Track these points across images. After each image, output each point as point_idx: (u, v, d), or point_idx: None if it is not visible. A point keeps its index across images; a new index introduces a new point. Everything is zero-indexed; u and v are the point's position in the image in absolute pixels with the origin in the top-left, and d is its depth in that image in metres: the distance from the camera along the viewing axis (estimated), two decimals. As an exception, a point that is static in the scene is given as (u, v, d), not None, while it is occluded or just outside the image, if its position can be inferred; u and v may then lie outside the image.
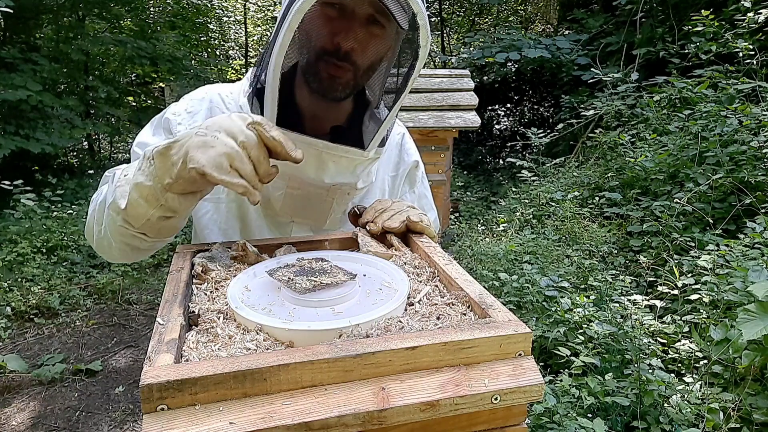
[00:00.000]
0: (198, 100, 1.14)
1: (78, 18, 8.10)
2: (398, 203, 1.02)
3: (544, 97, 9.99)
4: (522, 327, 0.61)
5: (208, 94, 1.14)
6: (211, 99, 1.13)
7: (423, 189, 1.36)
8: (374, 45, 1.01)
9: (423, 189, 1.36)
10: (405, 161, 1.29)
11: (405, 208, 0.99)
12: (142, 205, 0.86)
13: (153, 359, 0.55)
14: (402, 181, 1.30)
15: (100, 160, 9.62)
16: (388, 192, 1.27)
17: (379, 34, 1.00)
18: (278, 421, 0.51)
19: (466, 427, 0.60)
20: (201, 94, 1.15)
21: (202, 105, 1.13)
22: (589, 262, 3.54)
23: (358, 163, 1.07)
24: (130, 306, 4.70)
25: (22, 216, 5.36)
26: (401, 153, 1.30)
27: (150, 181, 0.84)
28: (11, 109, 6.17)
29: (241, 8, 12.94)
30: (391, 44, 1.05)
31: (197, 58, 10.65)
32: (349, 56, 0.98)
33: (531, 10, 12.12)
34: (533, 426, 2.15)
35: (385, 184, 1.26)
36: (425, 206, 1.36)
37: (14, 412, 3.23)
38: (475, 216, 6.06)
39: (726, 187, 3.84)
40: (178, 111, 1.13)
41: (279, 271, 0.77)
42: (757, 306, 2.17)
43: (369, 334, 0.63)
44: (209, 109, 1.12)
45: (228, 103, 1.13)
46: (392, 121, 1.09)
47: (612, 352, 2.55)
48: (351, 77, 1.02)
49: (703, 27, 5.22)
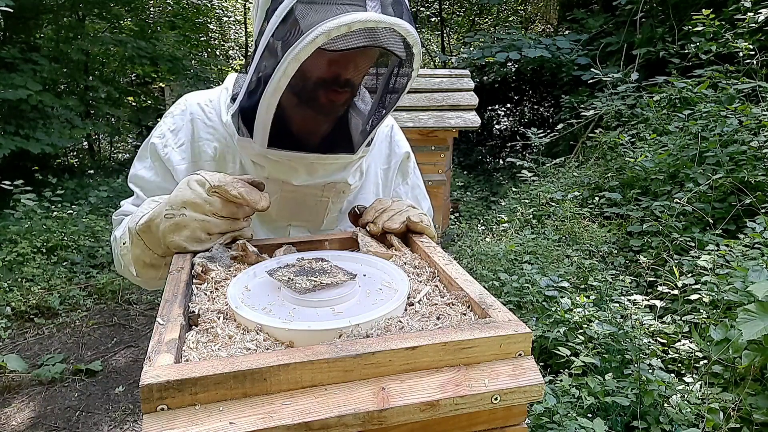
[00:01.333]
0: (179, 116, 1.14)
1: (78, 18, 8.10)
2: (398, 203, 1.02)
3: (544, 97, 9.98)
4: (522, 327, 0.61)
5: (187, 107, 1.15)
6: (191, 112, 1.13)
7: (415, 179, 1.37)
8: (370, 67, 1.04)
9: (415, 179, 1.37)
10: (396, 153, 1.30)
11: (405, 208, 1.00)
12: (150, 271, 0.98)
13: (153, 359, 0.55)
14: (394, 173, 1.31)
15: (100, 160, 9.62)
16: (382, 185, 1.28)
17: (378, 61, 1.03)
18: (278, 421, 0.51)
19: (466, 427, 0.60)
20: (180, 108, 1.15)
21: (183, 119, 1.13)
22: (589, 262, 3.54)
23: (348, 162, 1.08)
24: (130, 306, 4.70)
25: (22, 216, 5.36)
26: (391, 145, 1.30)
27: (146, 251, 0.94)
28: (11, 109, 6.18)
29: (241, 8, 12.94)
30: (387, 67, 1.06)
31: (197, 58, 10.64)
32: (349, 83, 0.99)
33: (531, 10, 12.12)
34: (533, 426, 2.14)
35: (378, 177, 1.27)
36: (418, 195, 1.37)
37: (14, 412, 3.23)
38: (475, 216, 6.06)
39: (726, 187, 3.84)
40: (162, 132, 1.14)
41: (279, 271, 0.77)
42: (757, 306, 2.16)
43: (369, 334, 0.63)
44: (191, 121, 1.13)
45: (209, 113, 1.13)
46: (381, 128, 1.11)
47: (612, 352, 2.55)
48: (349, 97, 1.03)
49: (703, 27, 5.21)
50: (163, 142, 1.12)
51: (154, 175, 1.13)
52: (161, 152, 1.12)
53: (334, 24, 0.79)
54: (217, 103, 1.13)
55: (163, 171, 1.13)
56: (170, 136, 1.13)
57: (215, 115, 1.12)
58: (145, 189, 1.14)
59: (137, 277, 1.03)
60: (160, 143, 1.12)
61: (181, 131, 1.12)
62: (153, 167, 1.14)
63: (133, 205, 1.15)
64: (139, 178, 1.14)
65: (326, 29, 0.79)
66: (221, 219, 0.87)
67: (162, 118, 1.18)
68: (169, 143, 1.12)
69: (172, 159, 1.11)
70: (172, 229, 0.86)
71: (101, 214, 6.12)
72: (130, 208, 1.15)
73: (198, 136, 1.12)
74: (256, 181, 0.92)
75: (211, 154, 1.12)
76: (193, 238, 0.86)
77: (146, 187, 1.14)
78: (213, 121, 1.12)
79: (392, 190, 1.32)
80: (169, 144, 1.12)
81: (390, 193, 1.32)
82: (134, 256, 0.97)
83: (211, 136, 1.12)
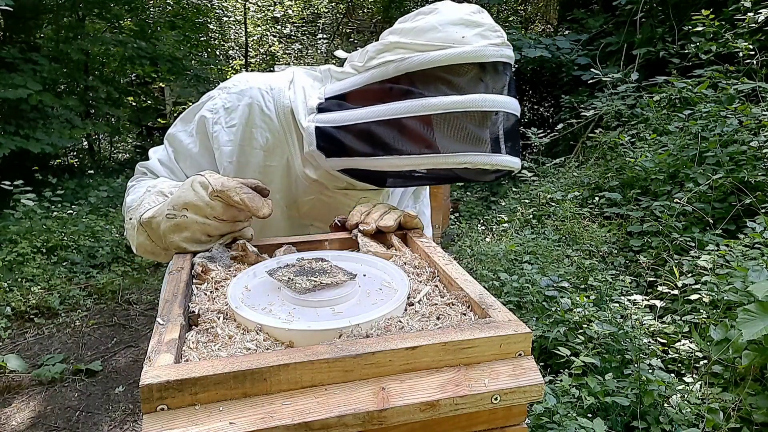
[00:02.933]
0: (236, 95, 1.10)
1: (78, 18, 8.10)
2: (380, 204, 1.02)
3: (544, 97, 9.98)
4: (522, 327, 0.61)
5: (247, 89, 1.10)
6: (250, 96, 1.09)
7: (423, 207, 1.37)
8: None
9: (423, 207, 1.37)
10: None
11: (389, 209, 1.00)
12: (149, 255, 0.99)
13: (153, 359, 0.55)
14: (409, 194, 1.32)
15: (100, 160, 9.61)
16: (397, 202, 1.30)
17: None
18: (278, 421, 0.51)
19: (466, 427, 0.60)
20: (240, 87, 1.10)
21: (241, 101, 1.09)
22: (589, 262, 3.54)
23: None
24: (130, 306, 4.70)
25: (22, 216, 5.36)
26: None
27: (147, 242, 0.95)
28: (11, 108, 6.18)
29: (241, 8, 12.93)
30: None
31: (197, 58, 10.63)
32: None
33: (531, 10, 12.12)
34: (533, 426, 2.14)
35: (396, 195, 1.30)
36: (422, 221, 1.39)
37: (14, 412, 3.23)
38: (475, 216, 6.06)
39: (726, 187, 3.84)
40: (215, 107, 1.10)
41: (279, 271, 0.77)
42: (757, 306, 2.16)
43: (369, 334, 0.63)
44: (248, 105, 1.08)
45: (267, 101, 1.09)
46: None
47: (612, 352, 2.55)
48: None
49: (703, 27, 5.21)
50: (215, 118, 1.09)
51: (193, 144, 1.11)
52: (210, 127, 1.09)
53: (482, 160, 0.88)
54: (278, 92, 1.09)
55: (204, 145, 1.10)
56: (223, 114, 1.09)
57: (273, 105, 1.09)
58: (177, 152, 1.11)
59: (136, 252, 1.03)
60: (212, 118, 1.09)
61: (235, 112, 1.09)
62: (195, 138, 1.11)
63: (159, 163, 1.14)
64: (178, 140, 1.12)
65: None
66: (221, 222, 0.87)
67: (217, 89, 1.13)
68: (221, 120, 1.09)
69: (220, 138, 1.08)
70: (172, 229, 0.86)
71: (101, 214, 6.12)
72: (155, 165, 1.14)
73: (253, 122, 1.08)
74: (260, 186, 0.90)
75: (262, 143, 1.09)
76: (193, 240, 0.86)
77: (180, 151, 1.11)
78: (270, 111, 1.09)
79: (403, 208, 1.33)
80: (220, 121, 1.09)
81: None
82: (138, 241, 0.97)
83: (266, 126, 1.09)
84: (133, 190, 1.08)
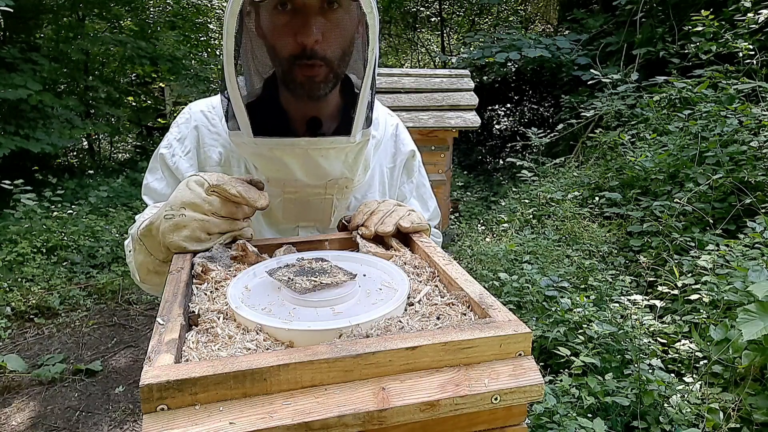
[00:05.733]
0: (183, 124, 1.16)
1: (78, 18, 8.10)
2: (384, 203, 1.01)
3: (544, 97, 9.98)
4: (522, 327, 0.61)
5: (191, 115, 1.16)
6: (195, 119, 1.15)
7: (421, 178, 1.36)
8: (336, 29, 0.96)
9: (421, 178, 1.36)
10: (401, 151, 1.29)
11: (392, 208, 0.99)
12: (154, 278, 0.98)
13: (153, 359, 0.55)
14: (400, 172, 1.30)
15: (100, 160, 9.62)
16: (387, 184, 1.27)
17: (336, 16, 0.95)
18: (278, 421, 0.51)
19: (466, 427, 0.60)
20: (185, 117, 1.17)
21: (188, 127, 1.15)
22: (589, 262, 3.54)
23: (348, 150, 1.01)
24: (130, 306, 4.70)
25: (22, 216, 5.36)
26: (397, 143, 1.29)
27: (148, 258, 0.95)
28: (11, 108, 6.18)
29: (241, 8, 12.90)
30: (352, 21, 0.98)
31: (197, 58, 10.63)
32: (316, 52, 0.93)
33: (531, 10, 12.11)
34: (533, 426, 2.14)
35: (384, 176, 1.26)
36: (424, 195, 1.36)
37: (14, 412, 3.23)
38: (475, 216, 6.06)
39: (726, 187, 3.84)
40: (169, 143, 1.16)
41: (279, 271, 0.77)
42: (757, 306, 2.16)
43: (369, 334, 0.63)
44: (195, 128, 1.15)
45: (211, 119, 1.15)
46: (367, 98, 1.00)
47: (612, 352, 2.55)
48: (328, 71, 0.97)
49: (703, 27, 5.21)
50: (171, 152, 1.14)
51: (165, 186, 1.15)
52: (170, 162, 1.13)
53: None
54: (219, 108, 1.14)
55: (173, 180, 1.14)
56: (177, 145, 1.14)
57: (218, 120, 1.14)
58: (157, 200, 1.15)
59: (143, 284, 1.04)
60: (168, 153, 1.14)
61: (186, 139, 1.14)
62: (164, 178, 1.15)
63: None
64: (151, 189, 1.16)
65: None
66: (220, 218, 0.87)
67: (169, 128, 1.20)
68: (177, 152, 1.14)
69: (181, 167, 1.13)
70: (171, 229, 0.86)
71: (101, 214, 6.12)
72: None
73: (203, 142, 1.14)
74: (255, 180, 0.92)
75: (217, 159, 1.13)
76: (193, 238, 0.86)
77: (158, 198, 1.15)
78: (216, 127, 1.14)
79: (397, 189, 1.31)
80: (176, 153, 1.14)
81: (395, 193, 1.30)
82: (138, 262, 0.98)
83: (216, 142, 1.14)
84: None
